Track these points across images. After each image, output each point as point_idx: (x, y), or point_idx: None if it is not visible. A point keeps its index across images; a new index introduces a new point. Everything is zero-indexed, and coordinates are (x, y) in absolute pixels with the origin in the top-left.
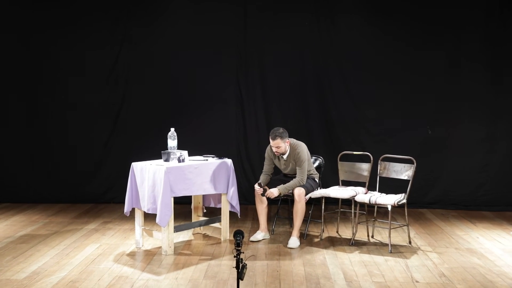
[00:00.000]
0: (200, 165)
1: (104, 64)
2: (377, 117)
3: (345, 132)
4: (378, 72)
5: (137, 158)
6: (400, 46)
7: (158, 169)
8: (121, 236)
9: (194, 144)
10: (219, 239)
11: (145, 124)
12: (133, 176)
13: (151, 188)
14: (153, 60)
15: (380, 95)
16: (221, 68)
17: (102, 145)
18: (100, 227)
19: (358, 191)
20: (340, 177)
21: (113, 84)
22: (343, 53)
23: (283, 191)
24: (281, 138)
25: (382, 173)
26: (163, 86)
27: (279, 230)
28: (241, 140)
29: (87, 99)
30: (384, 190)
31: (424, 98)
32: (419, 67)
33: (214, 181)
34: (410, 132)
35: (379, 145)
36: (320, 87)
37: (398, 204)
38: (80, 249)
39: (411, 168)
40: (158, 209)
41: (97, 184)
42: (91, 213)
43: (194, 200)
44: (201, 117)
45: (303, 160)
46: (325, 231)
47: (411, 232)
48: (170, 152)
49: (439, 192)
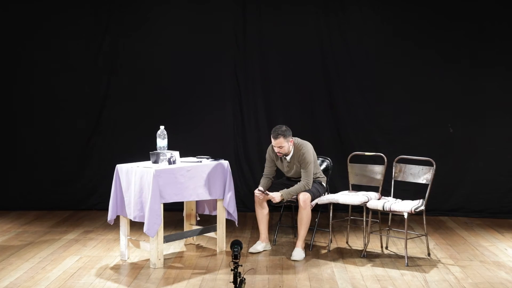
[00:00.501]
0: (193, 167)
1: (85, 56)
2: (392, 113)
3: (355, 130)
4: (394, 63)
5: (122, 159)
6: (421, 37)
7: (146, 172)
8: (104, 247)
9: (186, 144)
10: (214, 251)
11: (131, 122)
12: (117, 179)
13: (138, 194)
14: (141, 52)
15: (395, 89)
16: (217, 59)
17: (83, 145)
18: (80, 237)
19: (370, 196)
20: (350, 180)
21: (96, 78)
22: (354, 43)
23: (286, 196)
24: (284, 137)
25: (398, 176)
26: (151, 79)
27: (282, 240)
28: (239, 139)
29: (66, 95)
30: (400, 195)
31: (446, 92)
32: (441, 59)
33: (208, 186)
34: (429, 130)
35: (394, 145)
36: (328, 80)
37: (416, 211)
38: (58, 262)
39: (430, 170)
40: (145, 217)
41: (77, 188)
42: (70, 222)
43: (186, 207)
44: (194, 113)
45: (309, 161)
46: (334, 241)
47: (430, 243)
48: (160, 152)
49: (462, 198)
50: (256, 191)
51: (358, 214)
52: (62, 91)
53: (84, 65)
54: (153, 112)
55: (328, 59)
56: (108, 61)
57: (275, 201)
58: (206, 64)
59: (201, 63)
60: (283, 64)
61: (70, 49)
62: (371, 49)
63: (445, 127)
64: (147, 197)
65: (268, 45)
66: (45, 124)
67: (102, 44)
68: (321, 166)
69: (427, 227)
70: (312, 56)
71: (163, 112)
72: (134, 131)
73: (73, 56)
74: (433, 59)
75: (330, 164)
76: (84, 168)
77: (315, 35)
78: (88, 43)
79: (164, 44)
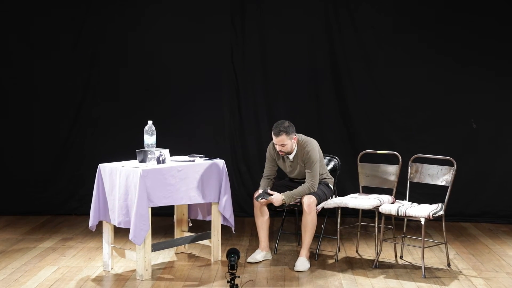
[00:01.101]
0: (184, 167)
1: (63, 41)
2: (408, 107)
3: (366, 126)
4: (412, 52)
5: (105, 158)
6: (443, 24)
7: (131, 172)
8: (85, 256)
9: (177, 141)
10: (208, 260)
11: (115, 116)
12: (100, 180)
13: (123, 196)
14: (127, 36)
15: (411, 80)
16: (212, 45)
17: (62, 142)
18: (58, 246)
19: (383, 200)
20: (361, 182)
21: (75, 66)
22: (366, 29)
23: (289, 200)
24: (287, 134)
25: (414, 177)
26: (138, 68)
27: (284, 249)
28: (236, 136)
29: (42, 87)
30: (416, 198)
31: (468, 83)
32: (465, 49)
33: (202, 188)
34: (449, 126)
35: (410, 143)
36: (336, 69)
37: (434, 217)
38: (33, 273)
39: (450, 171)
40: (132, 223)
41: (54, 191)
42: (47, 228)
43: (177, 212)
44: (186, 107)
45: (314, 161)
46: (342, 250)
47: (450, 252)
48: (147, 150)
49: (486, 201)
50: (256, 197)
51: (370, 220)
52: (37, 83)
53: (61, 54)
54: (140, 106)
55: (336, 47)
56: (89, 49)
57: (276, 205)
58: (198, 51)
59: (193, 50)
60: (286, 51)
61: (44, 36)
62: (385, 36)
63: (467, 122)
64: (133, 200)
65: (270, 30)
66: (18, 119)
67: (82, 30)
68: (328, 166)
69: (447, 234)
70: (318, 43)
71: (151, 106)
72: (119, 126)
73: (49, 44)
74: (456, 49)
75: (338, 163)
76: (63, 167)
77: (322, 20)
78: (65, 29)
79: (153, 31)
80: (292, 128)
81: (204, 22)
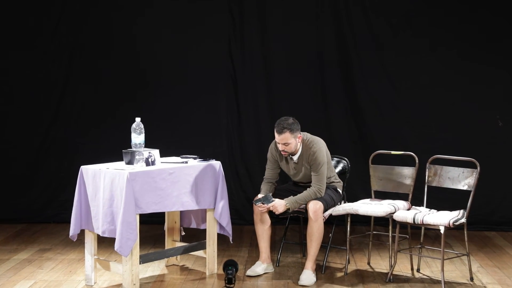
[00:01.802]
0: (176, 169)
1: (40, 27)
2: (427, 102)
3: (379, 124)
4: (431, 40)
5: (87, 159)
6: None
7: (117, 175)
8: (65, 269)
9: (168, 141)
10: (203, 273)
11: (99, 112)
12: (82, 185)
13: (108, 202)
14: (113, 23)
15: (430, 72)
16: (206, 32)
17: (39, 142)
18: (35, 257)
19: (397, 206)
20: (373, 186)
21: (53, 56)
22: (379, 14)
23: (293, 206)
24: (291, 132)
25: (432, 181)
26: (124, 59)
27: (287, 260)
28: (234, 135)
29: (17, 78)
30: (435, 204)
31: (496, 78)
32: (488, 35)
33: (196, 193)
34: (472, 124)
35: (428, 142)
36: (345, 60)
37: (455, 225)
38: (7, 287)
39: (473, 174)
40: (117, 232)
41: (31, 196)
42: (22, 237)
43: (168, 219)
44: (178, 102)
45: (321, 162)
46: (352, 262)
47: (473, 265)
48: (135, 151)
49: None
50: (255, 201)
51: (383, 228)
52: (11, 76)
53: (38, 41)
54: (127, 101)
55: (345, 35)
56: (69, 36)
57: (278, 212)
58: (193, 40)
59: (186, 39)
60: (289, 40)
61: (19, 21)
62: (400, 23)
63: (492, 120)
64: (119, 206)
65: (271, 17)
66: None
67: (61, 15)
68: (337, 168)
69: (469, 244)
70: (325, 30)
71: (139, 101)
72: (103, 124)
73: (23, 30)
74: (480, 39)
75: (348, 165)
76: (40, 170)
77: (331, 6)
78: (42, 13)
79: (141, 15)
80: (297, 125)
81: (200, 7)
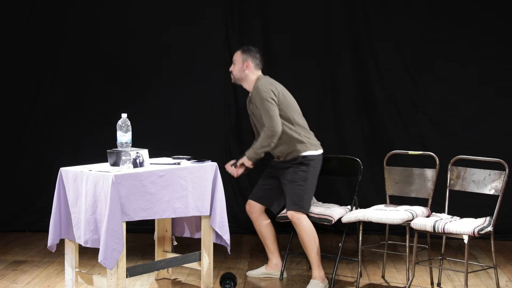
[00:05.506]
0: (168, 171)
1: (13, 18)
2: (448, 97)
3: (395, 121)
4: (454, 23)
5: (68, 160)
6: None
7: (101, 178)
8: (42, 283)
9: (158, 139)
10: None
11: (80, 108)
12: (62, 189)
13: (91, 209)
14: (101, 16)
15: (453, 62)
16: (201, 20)
17: (13, 142)
18: (8, 270)
19: (416, 212)
20: (388, 190)
21: (29, 46)
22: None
23: (251, 155)
24: (242, 53)
25: (455, 184)
26: (109, 47)
27: (293, 273)
28: (232, 133)
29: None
30: (458, 211)
31: None
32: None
33: (190, 198)
34: (499, 121)
35: (450, 141)
36: (356, 47)
37: (480, 234)
38: None
39: (500, 176)
40: (101, 242)
41: (4, 202)
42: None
43: (158, 227)
44: (169, 96)
45: (261, 97)
46: (364, 275)
47: (501, 278)
48: (121, 151)
49: None
50: (228, 165)
51: (399, 238)
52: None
53: (9, 31)
54: (112, 95)
55: (357, 17)
56: (44, 25)
57: (249, 166)
58: (184, 25)
59: (178, 24)
60: (293, 26)
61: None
62: (417, 6)
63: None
64: (104, 213)
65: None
66: None
67: (36, 2)
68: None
69: (497, 256)
70: (334, 13)
71: (125, 95)
72: (84, 121)
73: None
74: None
75: (360, 167)
76: (14, 173)
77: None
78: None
79: (131, 7)
80: (254, 54)
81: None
